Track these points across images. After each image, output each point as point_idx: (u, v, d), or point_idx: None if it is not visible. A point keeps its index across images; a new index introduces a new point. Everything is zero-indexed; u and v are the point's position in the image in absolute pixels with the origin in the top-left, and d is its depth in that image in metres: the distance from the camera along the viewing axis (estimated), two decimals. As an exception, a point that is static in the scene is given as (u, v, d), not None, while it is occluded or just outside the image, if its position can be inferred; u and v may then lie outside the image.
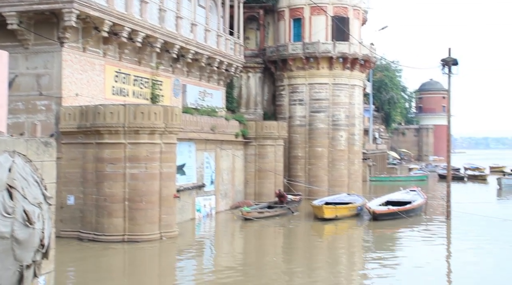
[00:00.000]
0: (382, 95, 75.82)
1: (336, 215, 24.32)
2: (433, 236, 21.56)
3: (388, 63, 78.29)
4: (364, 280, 15.00)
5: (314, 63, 32.08)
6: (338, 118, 32.58)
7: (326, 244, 20.82)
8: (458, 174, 52.45)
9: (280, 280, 14.60)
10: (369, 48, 33.72)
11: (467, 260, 16.89)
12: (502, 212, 27.32)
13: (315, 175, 32.23)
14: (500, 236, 20.51)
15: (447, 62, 23.84)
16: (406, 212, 24.82)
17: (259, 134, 29.43)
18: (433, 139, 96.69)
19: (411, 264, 16.67)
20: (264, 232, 22.15)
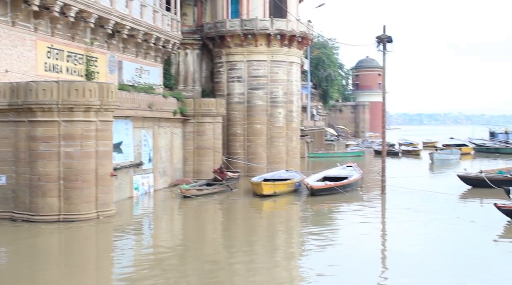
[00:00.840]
0: (319, 73, 76.62)
1: (275, 191, 24.56)
2: (369, 210, 22.09)
3: (326, 40, 79.02)
4: (302, 254, 15.26)
5: (252, 40, 32.04)
6: (276, 95, 32.75)
7: (265, 220, 21.03)
8: (393, 150, 53.76)
9: (220, 257, 14.67)
10: (307, 25, 33.91)
11: (401, 232, 17.43)
12: (433, 186, 28.31)
13: (254, 152, 32.40)
14: (432, 209, 21.25)
15: (382, 39, 24.25)
16: (343, 187, 25.34)
17: (198, 111, 29.24)
18: (369, 115, 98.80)
19: (348, 237, 17.07)
20: (203, 210, 22.16)
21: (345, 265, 13.70)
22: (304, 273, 13.32)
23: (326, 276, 12.80)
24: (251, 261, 14.10)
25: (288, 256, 14.96)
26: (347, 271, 13.18)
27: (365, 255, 14.58)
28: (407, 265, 13.53)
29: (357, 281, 12.38)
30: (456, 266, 13.39)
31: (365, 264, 13.72)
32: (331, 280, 12.48)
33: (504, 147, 58.41)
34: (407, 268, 13.22)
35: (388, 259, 14.68)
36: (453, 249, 15.18)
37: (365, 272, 13.02)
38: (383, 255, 15.14)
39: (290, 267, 13.91)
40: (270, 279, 12.56)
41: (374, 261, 14.21)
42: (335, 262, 13.96)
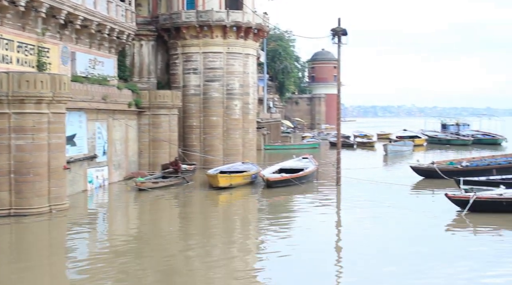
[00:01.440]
0: (276, 65, 76.90)
1: (231, 183, 24.56)
2: (324, 201, 22.33)
3: (282, 33, 79.31)
4: (259, 246, 15.31)
5: (208, 31, 31.84)
6: (232, 87, 32.68)
7: (221, 212, 21.01)
8: (348, 142, 54.44)
9: (176, 250, 14.60)
10: (263, 17, 33.91)
11: (355, 222, 17.67)
12: (387, 177, 28.84)
13: (210, 144, 32.30)
14: (385, 199, 21.62)
15: (337, 32, 24.45)
16: (299, 179, 25.52)
17: (153, 103, 28.96)
18: (325, 108, 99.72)
19: (304, 228, 17.26)
20: (159, 203, 21.99)
21: (301, 255, 13.81)
22: (261, 264, 13.38)
23: (283, 267, 12.88)
24: (208, 253, 14.08)
25: (245, 248, 14.99)
26: (303, 261, 13.30)
27: (321, 246, 14.75)
28: (362, 254, 13.73)
29: (313, 271, 12.50)
30: (408, 255, 13.65)
31: (321, 255, 13.88)
32: (287, 270, 12.56)
33: (455, 139, 59.85)
34: (361, 258, 13.42)
35: (343, 249, 14.89)
36: (405, 238, 15.48)
37: (321, 262, 13.17)
38: (338, 246, 15.34)
39: (247, 259, 13.95)
40: (227, 271, 12.57)
41: (329, 252, 14.39)
42: (291, 253, 14.07)
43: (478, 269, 12.30)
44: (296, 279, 11.95)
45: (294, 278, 12.01)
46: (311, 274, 12.30)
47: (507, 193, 19.09)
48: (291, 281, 11.88)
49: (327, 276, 12.13)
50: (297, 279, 11.97)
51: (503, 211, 18.20)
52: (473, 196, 18.38)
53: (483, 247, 14.45)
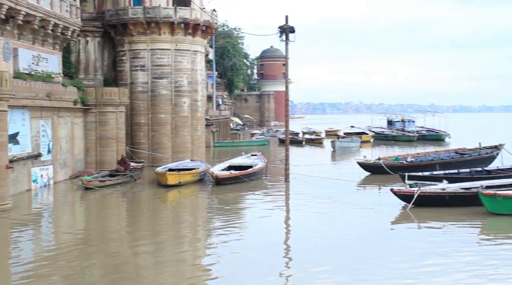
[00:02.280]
0: (225, 62, 76.85)
1: (180, 181, 24.43)
2: (273, 198, 22.45)
3: (230, 30, 79.23)
4: (208, 244, 15.27)
5: (156, 28, 31.52)
6: (180, 84, 32.46)
7: (170, 210, 20.85)
8: (297, 138, 54.91)
9: (124, 249, 14.41)
10: (211, 14, 33.80)
11: (304, 218, 17.81)
12: (335, 173, 29.22)
13: (158, 142, 32.00)
14: (333, 195, 21.92)
15: (284, 29, 24.60)
16: (248, 176, 25.59)
17: (100, 100, 28.49)
18: (274, 105, 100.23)
19: (253, 225, 17.34)
20: (106, 201, 21.66)
21: (251, 252, 13.85)
22: (211, 262, 13.33)
23: (232, 263, 12.89)
24: (157, 252, 13.94)
25: (194, 246, 14.93)
26: (252, 258, 13.34)
27: (269, 242, 14.83)
28: (310, 250, 13.88)
29: (263, 267, 12.56)
30: (354, 249, 13.87)
31: (270, 251, 13.96)
32: (237, 267, 12.58)
33: (401, 135, 61.21)
34: (310, 254, 13.56)
35: (292, 245, 15.00)
36: (351, 233, 15.72)
37: (270, 258, 13.24)
38: (287, 242, 15.45)
39: (196, 257, 13.89)
40: (176, 270, 12.49)
41: (278, 247, 14.47)
42: (241, 250, 14.08)
43: (420, 261, 12.59)
44: (245, 275, 11.97)
45: (244, 275, 12.04)
46: (260, 270, 12.35)
47: (449, 188, 19.66)
48: (240, 277, 11.90)
49: (275, 272, 12.19)
50: (246, 275, 12.00)
51: (446, 205, 18.72)
52: (417, 191, 18.83)
53: (426, 240, 14.80)
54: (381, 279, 11.44)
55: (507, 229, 15.97)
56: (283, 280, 11.87)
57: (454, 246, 13.97)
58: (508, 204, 17.16)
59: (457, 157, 31.10)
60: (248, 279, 11.79)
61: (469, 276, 11.57)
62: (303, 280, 11.53)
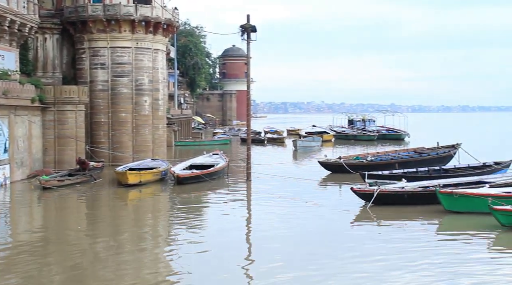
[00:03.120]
0: (186, 61, 76.40)
1: (140, 180, 24.21)
2: (234, 197, 22.43)
3: (192, 28, 78.92)
4: (170, 243, 15.15)
5: (116, 26, 31.13)
6: (141, 83, 32.13)
7: (131, 210, 20.65)
8: (258, 138, 54.99)
9: (84, 250, 14.18)
10: (172, 12, 33.57)
11: (266, 217, 17.87)
12: (296, 172, 29.39)
13: (119, 141, 31.62)
14: (294, 194, 22.04)
15: (246, 28, 24.61)
16: (209, 175, 25.53)
17: (58, 99, 27.99)
18: (236, 104, 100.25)
19: (214, 224, 17.30)
20: (65, 201, 21.31)
21: (213, 251, 13.82)
22: (172, 261, 13.25)
23: (194, 263, 12.81)
24: (117, 253, 13.77)
25: (156, 246, 14.80)
26: (214, 257, 13.31)
27: (232, 241, 14.84)
28: (272, 248, 13.94)
29: (224, 265, 12.54)
30: (315, 247, 13.96)
31: (232, 249, 13.97)
32: (199, 267, 12.51)
33: (361, 134, 61.92)
34: (271, 252, 13.60)
35: (254, 243, 15.03)
36: (312, 231, 15.84)
37: (232, 257, 13.23)
38: (248, 240, 15.47)
39: (158, 257, 13.76)
40: (137, 271, 12.35)
41: (240, 246, 14.48)
42: (203, 249, 14.04)
43: (378, 258, 12.75)
44: (206, 273, 11.93)
45: (204, 273, 11.99)
46: (221, 269, 12.33)
47: (408, 186, 19.98)
48: (201, 276, 11.85)
49: (235, 269, 12.20)
50: (208, 275, 11.95)
51: (405, 203, 19.00)
52: (377, 189, 19.07)
53: (385, 238, 15.00)
54: (337, 276, 11.54)
55: (463, 226, 16.29)
56: (243, 277, 11.87)
57: (412, 244, 14.20)
58: (464, 202, 17.51)
59: (416, 156, 31.62)
60: (209, 277, 11.75)
61: (422, 274, 11.76)
62: (262, 277, 11.55)
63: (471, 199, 17.41)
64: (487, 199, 16.08)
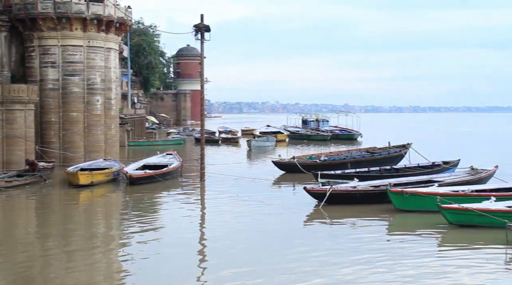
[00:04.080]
0: (140, 60, 75.68)
1: (92, 181, 23.85)
2: (188, 197, 22.34)
3: (146, 27, 78.21)
4: (123, 245, 14.96)
5: (67, 24, 30.52)
6: (93, 82, 31.61)
7: (82, 211, 20.30)
8: (213, 138, 54.93)
9: (34, 253, 13.87)
10: (125, 11, 33.15)
11: (219, 217, 17.87)
12: (250, 172, 29.47)
13: (70, 141, 31.02)
14: (248, 194, 22.08)
15: (200, 28, 24.53)
16: (163, 175, 25.35)
17: (7, 98, 27.28)
18: (191, 103, 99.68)
19: (168, 225, 17.20)
20: (13, 203, 20.81)
21: (167, 252, 13.71)
22: (125, 264, 13.08)
23: (148, 266, 12.68)
24: (68, 256, 13.50)
25: (108, 248, 14.57)
26: (168, 259, 13.21)
27: (186, 242, 14.76)
28: (225, 248, 13.95)
29: (177, 267, 12.47)
30: (269, 246, 14.03)
31: (186, 250, 13.89)
32: (151, 269, 12.39)
33: (315, 134, 62.52)
34: (224, 251, 13.62)
35: (206, 244, 14.98)
36: (266, 231, 15.91)
37: (186, 258, 13.17)
38: (202, 240, 15.42)
39: (110, 260, 13.57)
40: (89, 274, 12.13)
41: (194, 247, 14.42)
42: (155, 250, 13.93)
43: (331, 257, 12.90)
44: (159, 276, 11.83)
45: (158, 275, 11.89)
46: (174, 269, 12.26)
47: (360, 186, 20.28)
48: (155, 278, 11.74)
49: (188, 271, 12.14)
50: (160, 275, 11.86)
51: (357, 202, 19.28)
52: (330, 189, 19.27)
53: (336, 237, 15.19)
54: (287, 273, 11.61)
55: (413, 224, 16.64)
56: (196, 278, 11.83)
57: (362, 242, 14.43)
58: (414, 201, 17.88)
59: (368, 156, 32.11)
60: (162, 279, 11.66)
61: (373, 271, 11.95)
62: (214, 277, 11.54)
63: (420, 198, 17.79)
64: (435, 197, 16.47)
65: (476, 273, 11.86)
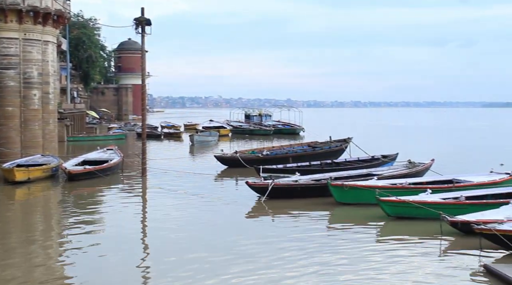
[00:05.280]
0: (80, 53, 74.21)
1: (29, 177, 23.23)
2: (129, 193, 22.04)
3: (86, 20, 76.63)
4: (63, 243, 14.62)
5: (1, 15, 29.42)
6: (30, 76, 30.67)
7: (18, 208, 19.71)
8: (155, 132, 54.47)
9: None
10: (63, 3, 32.33)
11: (161, 212, 17.68)
12: (193, 167, 29.35)
13: (5, 137, 29.99)
14: (191, 189, 22.02)
15: (141, 21, 24.20)
16: (103, 171, 24.94)
17: None
18: (133, 98, 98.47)
19: (109, 221, 16.93)
20: None
21: (109, 248, 13.48)
22: (65, 262, 12.77)
23: (89, 263, 12.43)
24: (4, 257, 13.06)
25: (47, 247, 14.15)
26: (111, 255, 12.99)
27: (126, 239, 14.54)
28: (167, 242, 13.84)
29: (122, 264, 12.27)
30: (211, 240, 14.01)
31: (128, 246, 13.69)
32: (93, 268, 12.15)
33: (258, 129, 62.84)
34: (167, 245, 13.52)
35: (150, 239, 14.84)
36: (208, 225, 15.89)
37: (130, 254, 12.97)
38: (144, 236, 15.26)
39: (49, 259, 13.19)
40: (27, 275, 11.78)
41: (137, 243, 14.24)
42: (97, 245, 13.70)
43: (273, 251, 13.01)
44: (102, 270, 11.65)
45: (101, 269, 11.70)
46: (118, 268, 12.08)
47: (301, 180, 20.51)
48: (97, 272, 11.54)
49: (134, 269, 11.97)
50: (103, 270, 11.67)
51: (299, 196, 19.49)
52: (271, 183, 19.41)
53: (278, 230, 15.31)
54: (229, 267, 11.65)
55: (352, 217, 16.94)
56: (139, 275, 11.70)
57: (303, 234, 14.59)
58: (354, 194, 18.22)
59: (309, 150, 32.50)
60: (104, 272, 11.48)
61: (312, 261, 12.12)
62: (158, 273, 11.45)
63: (360, 191, 18.15)
64: (374, 190, 16.83)
65: (412, 262, 12.21)
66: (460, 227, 13.94)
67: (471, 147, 45.46)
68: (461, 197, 16.47)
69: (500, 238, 12.20)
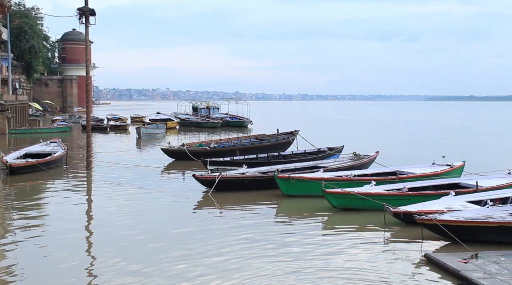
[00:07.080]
0: (22, 44, 72.16)
1: (-32, 171, 22.49)
2: (74, 186, 21.63)
3: (28, 9, 74.56)
4: (4, 241, 14.25)
5: None
6: (-31, 66, 29.73)
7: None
8: (101, 125, 53.64)
9: None
10: (4, -9, 31.37)
11: (107, 206, 17.42)
12: (139, 160, 29.03)
13: None
14: (137, 182, 21.77)
15: (84, 11, 23.68)
16: (46, 164, 24.38)
17: None
18: (78, 90, 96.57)
19: (53, 216, 16.52)
20: None
21: (53, 244, 13.17)
22: (7, 262, 12.43)
23: (32, 259, 12.12)
24: None
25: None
26: (54, 249, 12.70)
27: (72, 231, 14.26)
28: (113, 236, 13.65)
29: (66, 258, 12.03)
30: (158, 234, 13.89)
31: (72, 240, 13.43)
32: (37, 265, 11.86)
33: (205, 121, 62.66)
34: (113, 239, 13.32)
35: (95, 234, 14.57)
36: (155, 219, 15.74)
37: (73, 249, 12.72)
38: (89, 231, 14.97)
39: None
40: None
41: (81, 237, 13.97)
42: (41, 240, 13.36)
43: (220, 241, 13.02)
44: (46, 266, 11.39)
45: (44, 265, 11.43)
46: (61, 260, 11.84)
47: (248, 172, 20.56)
48: (40, 268, 11.27)
49: (75, 264, 11.76)
50: (48, 270, 11.41)
51: (246, 188, 19.55)
52: (219, 176, 19.40)
53: (225, 221, 15.32)
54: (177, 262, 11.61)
55: (299, 209, 17.10)
56: (83, 267, 11.50)
57: (250, 227, 14.65)
58: (300, 186, 18.40)
59: (257, 143, 32.61)
60: (48, 269, 11.23)
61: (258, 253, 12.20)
62: (103, 270, 11.29)
63: (306, 183, 18.35)
64: (320, 182, 17.03)
65: (356, 253, 12.42)
66: (403, 217, 14.27)
67: (414, 140, 46.60)
68: (404, 188, 16.86)
69: (440, 228, 12.55)
